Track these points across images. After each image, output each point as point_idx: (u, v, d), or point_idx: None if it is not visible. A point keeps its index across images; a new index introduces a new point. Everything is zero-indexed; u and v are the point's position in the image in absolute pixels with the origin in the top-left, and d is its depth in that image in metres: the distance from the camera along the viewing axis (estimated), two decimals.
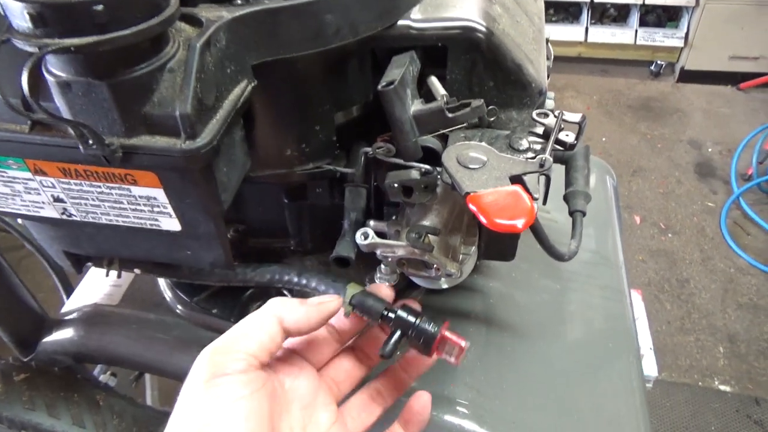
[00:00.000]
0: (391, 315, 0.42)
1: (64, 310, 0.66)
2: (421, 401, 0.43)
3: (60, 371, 0.62)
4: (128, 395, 0.64)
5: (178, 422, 0.33)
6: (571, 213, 0.55)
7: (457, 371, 0.56)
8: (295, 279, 0.49)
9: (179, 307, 0.62)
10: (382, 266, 0.58)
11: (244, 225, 0.59)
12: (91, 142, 0.33)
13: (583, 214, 0.56)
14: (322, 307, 0.40)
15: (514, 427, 0.53)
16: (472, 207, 0.33)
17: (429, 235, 0.43)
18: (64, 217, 0.41)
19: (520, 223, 0.32)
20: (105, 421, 0.59)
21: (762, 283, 2.10)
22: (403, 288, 0.60)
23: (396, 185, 0.46)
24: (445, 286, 0.53)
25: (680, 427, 1.67)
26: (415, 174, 0.46)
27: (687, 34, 3.00)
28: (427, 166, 0.44)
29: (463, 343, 0.41)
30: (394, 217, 0.50)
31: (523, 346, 0.60)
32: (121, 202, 0.39)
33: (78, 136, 0.33)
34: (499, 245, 0.57)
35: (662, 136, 2.83)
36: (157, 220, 0.40)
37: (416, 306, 0.44)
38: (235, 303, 0.59)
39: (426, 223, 0.45)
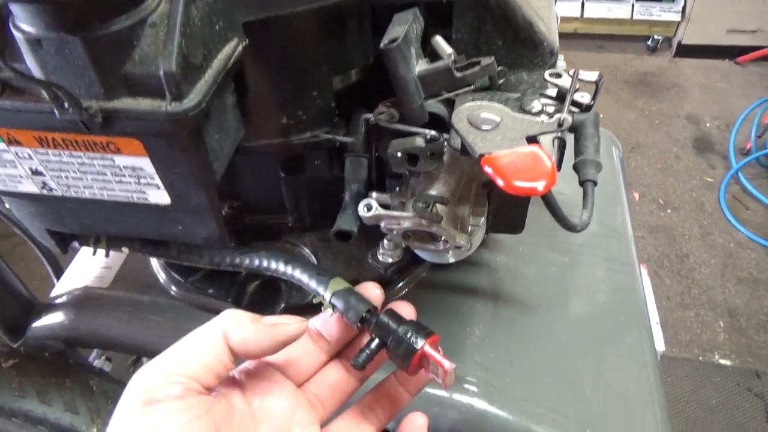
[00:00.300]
0: (372, 319, 0.37)
1: (53, 293, 0.63)
2: (415, 426, 0.36)
3: (51, 356, 0.60)
4: (124, 380, 0.62)
5: None
6: (582, 182, 0.53)
7: (465, 348, 0.54)
8: (282, 268, 0.45)
9: (173, 288, 0.59)
10: (385, 241, 0.55)
11: (239, 201, 0.56)
12: (66, 105, 0.30)
13: (595, 183, 0.53)
14: (276, 330, 0.33)
15: (524, 405, 0.51)
16: (487, 169, 0.31)
17: (437, 204, 0.40)
18: (44, 191, 0.38)
19: (540, 185, 0.29)
20: (99, 407, 0.57)
21: (761, 257, 2.09)
22: (407, 264, 0.58)
23: (399, 154, 0.44)
24: (452, 260, 0.50)
25: (681, 401, 1.67)
26: (420, 141, 0.43)
27: (684, 7, 2.96)
28: (433, 132, 0.42)
29: (446, 365, 0.34)
30: (397, 189, 0.47)
31: (532, 321, 0.58)
32: (105, 174, 0.36)
33: (52, 98, 0.30)
34: (507, 217, 0.54)
35: (660, 112, 2.80)
36: (144, 192, 0.37)
37: (408, 311, 0.39)
38: (232, 283, 0.57)
39: (433, 192, 0.42)
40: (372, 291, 0.40)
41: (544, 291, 0.61)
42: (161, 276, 0.61)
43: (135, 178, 0.36)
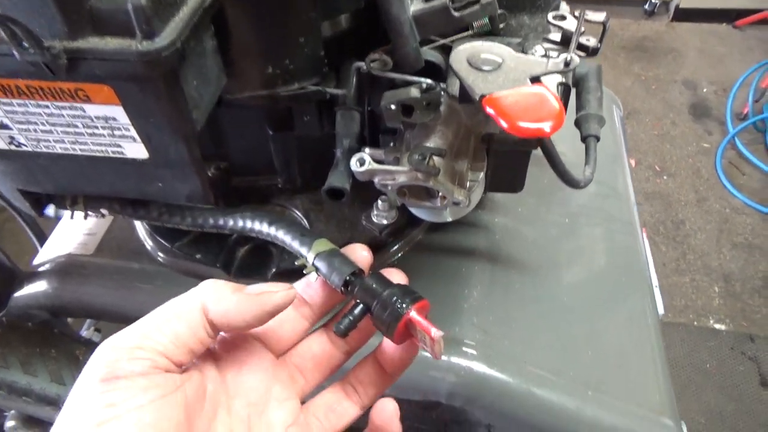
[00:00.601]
0: (357, 282, 0.34)
1: (35, 261, 0.61)
2: (385, 414, 0.33)
3: (35, 326, 0.57)
4: None
5: (63, 428, 0.26)
6: (584, 138, 0.51)
7: (463, 311, 0.52)
8: (266, 229, 0.42)
9: (160, 254, 0.57)
10: (380, 202, 0.53)
11: (226, 162, 0.53)
12: (26, 44, 0.27)
13: (597, 138, 0.51)
14: (261, 299, 0.31)
15: (524, 367, 0.49)
16: (489, 110, 0.28)
17: (434, 157, 0.38)
18: (13, 147, 0.36)
19: (547, 126, 0.27)
20: None
21: (757, 222, 2.09)
22: (403, 226, 0.56)
23: (394, 106, 0.41)
24: (449, 218, 0.48)
25: (676, 365, 1.68)
26: (415, 92, 0.40)
27: None
28: (429, 81, 0.39)
29: (433, 332, 0.31)
30: (391, 144, 0.45)
31: (532, 282, 0.56)
32: (76, 126, 0.33)
33: (9, 36, 0.27)
34: (506, 175, 0.52)
35: (657, 77, 2.76)
36: (119, 146, 0.34)
37: (399, 277, 0.36)
38: (221, 248, 0.54)
39: (430, 145, 0.40)
40: (359, 253, 0.36)
41: (544, 252, 0.59)
42: (147, 242, 0.58)
43: (108, 129, 0.33)
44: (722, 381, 1.64)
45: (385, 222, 0.54)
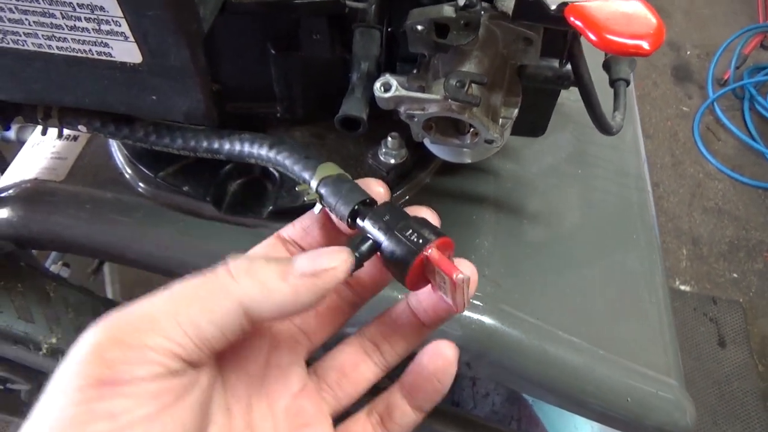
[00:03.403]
0: (367, 212, 0.28)
1: None
2: (441, 360, 0.27)
3: None
4: (84, 286, 0.55)
5: None
6: (614, 82, 0.47)
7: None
8: (266, 153, 0.36)
9: (141, 184, 0.51)
10: (389, 139, 0.49)
11: (220, 84, 0.47)
12: None
13: (627, 83, 0.47)
14: (323, 280, 0.24)
15: (536, 323, 0.47)
16: (574, 21, 0.24)
17: (473, 85, 0.33)
18: None
19: (645, 43, 0.23)
20: (58, 315, 0.50)
21: (728, 188, 2.13)
22: (410, 167, 0.51)
23: (421, 27, 0.36)
24: (468, 160, 0.44)
25: None
26: (449, 11, 0.35)
27: None
28: None
29: (458, 275, 0.25)
30: (415, 71, 0.40)
31: (544, 235, 0.53)
32: (53, 15, 0.27)
33: None
34: (529, 117, 0.48)
35: None
36: (107, 45, 0.28)
37: (428, 215, 0.29)
38: (211, 180, 0.49)
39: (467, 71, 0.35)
40: (374, 188, 0.30)
41: (556, 203, 0.56)
42: (126, 170, 0.52)
43: (94, 23, 0.27)
44: (683, 340, 1.70)
45: (393, 162, 0.49)
